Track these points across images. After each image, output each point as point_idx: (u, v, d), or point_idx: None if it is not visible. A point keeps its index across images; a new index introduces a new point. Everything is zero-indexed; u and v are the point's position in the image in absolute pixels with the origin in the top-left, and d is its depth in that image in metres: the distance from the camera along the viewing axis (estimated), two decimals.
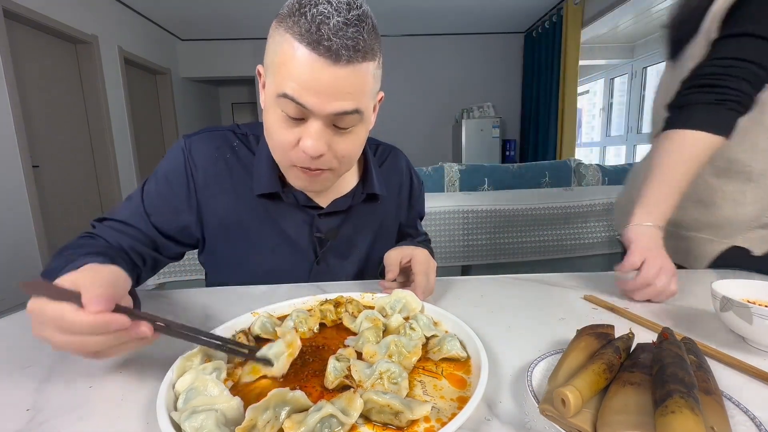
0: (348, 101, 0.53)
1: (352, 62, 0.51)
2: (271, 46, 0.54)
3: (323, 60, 0.50)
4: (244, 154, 0.70)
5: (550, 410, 0.33)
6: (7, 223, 2.67)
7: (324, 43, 0.49)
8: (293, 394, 0.34)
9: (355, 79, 0.53)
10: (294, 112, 0.54)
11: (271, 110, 0.56)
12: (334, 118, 0.55)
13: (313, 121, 0.54)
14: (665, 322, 0.55)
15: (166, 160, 0.68)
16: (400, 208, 0.84)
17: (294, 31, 0.50)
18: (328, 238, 0.73)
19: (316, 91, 0.51)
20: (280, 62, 0.52)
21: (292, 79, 0.51)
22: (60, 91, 3.35)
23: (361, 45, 0.51)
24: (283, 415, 0.33)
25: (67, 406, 0.38)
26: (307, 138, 0.55)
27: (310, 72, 0.50)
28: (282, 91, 0.52)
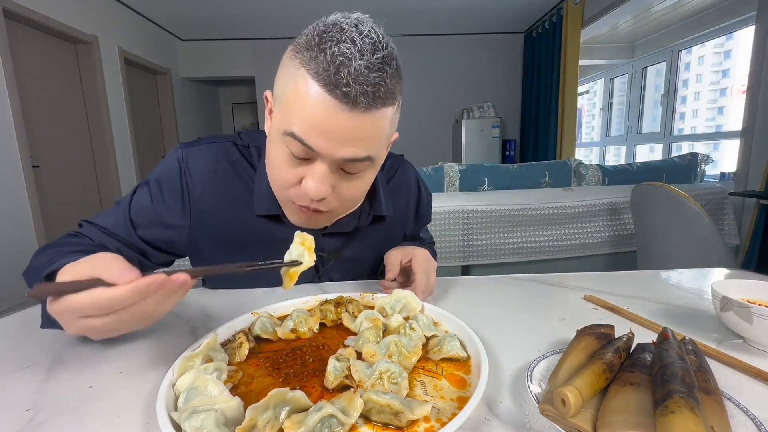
0: (360, 148, 0.50)
1: (369, 110, 0.47)
2: (283, 76, 0.51)
3: (338, 104, 0.46)
4: (244, 170, 0.66)
5: (550, 410, 0.33)
6: (7, 223, 2.66)
7: (342, 88, 0.45)
8: (293, 394, 0.34)
9: (370, 127, 0.49)
10: (299, 152, 0.50)
11: (275, 145, 0.53)
12: (342, 163, 0.51)
13: (319, 163, 0.51)
14: (665, 322, 0.55)
15: (161, 170, 0.65)
16: (406, 221, 0.81)
17: (310, 67, 0.46)
18: (330, 258, 0.70)
19: (326, 134, 0.48)
20: (291, 98, 0.48)
21: (302, 118, 0.47)
22: (60, 91, 3.35)
23: (382, 92, 0.47)
24: (283, 415, 0.33)
25: (67, 406, 0.38)
26: (311, 180, 0.51)
27: (322, 115, 0.46)
28: (289, 129, 0.49)
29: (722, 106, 4.51)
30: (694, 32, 3.86)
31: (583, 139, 6.08)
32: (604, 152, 5.42)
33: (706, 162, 2.41)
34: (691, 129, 4.54)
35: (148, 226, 0.63)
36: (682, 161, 2.36)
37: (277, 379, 0.41)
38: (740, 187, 2.43)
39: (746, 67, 2.46)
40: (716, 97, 4.57)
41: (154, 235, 0.64)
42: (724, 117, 4.43)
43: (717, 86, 4.54)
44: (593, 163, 2.32)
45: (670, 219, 1.54)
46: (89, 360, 0.46)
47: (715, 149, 4.09)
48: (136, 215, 0.63)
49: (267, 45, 5.47)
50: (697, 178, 2.41)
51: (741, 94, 2.95)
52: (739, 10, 3.36)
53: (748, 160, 2.41)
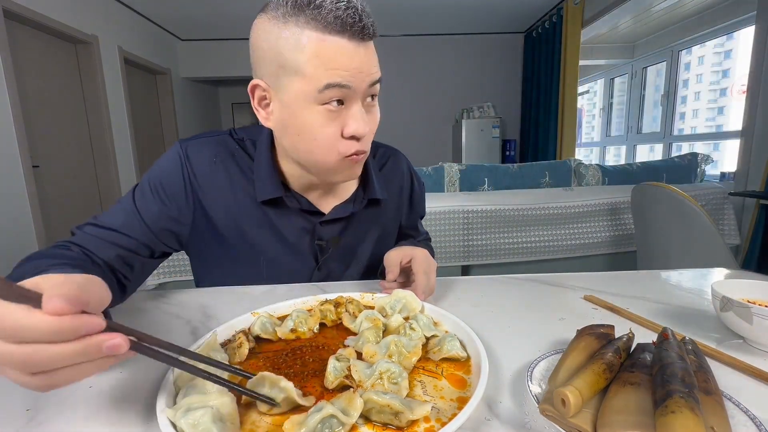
0: (376, 71, 0.57)
1: (372, 37, 0.55)
2: (283, 47, 0.53)
3: (357, 41, 0.53)
4: (243, 161, 0.68)
5: (550, 410, 0.33)
6: (7, 223, 2.67)
7: (358, 25, 0.52)
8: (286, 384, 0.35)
9: (373, 52, 0.57)
10: (339, 97, 0.54)
11: (306, 111, 0.55)
12: (368, 91, 0.57)
13: (353, 103, 0.56)
14: (665, 322, 0.55)
15: (161, 165, 0.66)
16: (400, 210, 0.83)
17: (318, 24, 0.51)
18: (329, 246, 0.72)
19: (353, 70, 0.53)
20: (312, 56, 0.52)
21: (332, 67, 0.52)
22: (60, 91, 3.35)
23: (371, 23, 0.54)
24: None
25: (67, 406, 0.38)
26: (354, 121, 0.56)
27: (348, 56, 0.52)
28: (323, 83, 0.52)
29: (722, 106, 4.51)
30: (694, 32, 3.86)
31: (583, 139, 6.08)
32: (604, 152, 5.42)
33: (706, 162, 2.41)
34: (691, 129, 4.55)
35: (155, 220, 0.64)
36: (682, 161, 2.37)
37: None
38: (740, 187, 2.43)
39: (746, 67, 2.46)
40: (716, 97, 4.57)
41: (161, 229, 0.65)
42: (724, 117, 4.43)
43: (717, 86, 4.54)
44: (593, 163, 2.32)
45: (670, 219, 1.54)
46: None
47: (715, 149, 4.09)
48: (143, 210, 0.63)
49: None
50: (697, 178, 2.41)
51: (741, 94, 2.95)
52: (739, 10, 3.36)
53: (748, 160, 2.41)
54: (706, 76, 4.59)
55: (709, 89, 4.55)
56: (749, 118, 2.42)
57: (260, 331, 0.49)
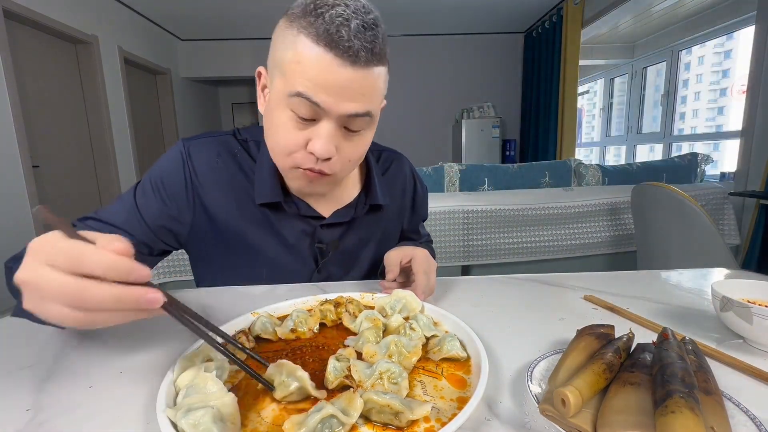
0: (362, 103, 0.53)
1: (368, 64, 0.51)
2: (281, 45, 0.53)
3: (341, 61, 0.50)
4: (245, 161, 0.68)
5: (550, 410, 0.33)
6: (7, 223, 2.67)
7: (344, 44, 0.49)
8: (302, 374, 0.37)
9: (369, 82, 0.53)
10: (306, 112, 0.53)
11: (279, 110, 0.55)
12: (346, 120, 0.54)
13: (324, 122, 0.54)
14: (665, 322, 0.55)
15: (163, 164, 0.66)
16: (402, 214, 0.83)
17: (310, 32, 0.50)
18: (329, 249, 0.71)
19: (331, 90, 0.51)
20: (293, 61, 0.51)
21: (307, 77, 0.50)
22: (60, 91, 3.35)
23: (378, 48, 0.52)
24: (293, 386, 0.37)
25: (67, 406, 0.38)
26: (318, 139, 0.54)
27: (327, 71, 0.50)
28: (295, 89, 0.51)
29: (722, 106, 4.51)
30: (694, 32, 3.86)
31: (583, 139, 6.08)
32: (604, 152, 5.42)
33: (706, 162, 2.41)
34: (691, 129, 4.55)
35: (155, 218, 0.64)
36: (682, 161, 2.37)
37: None
38: (740, 187, 2.43)
39: (746, 67, 2.46)
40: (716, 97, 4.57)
41: (161, 228, 0.64)
42: (724, 117, 4.43)
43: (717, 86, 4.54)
44: (593, 163, 2.32)
45: (670, 219, 1.54)
46: (89, 360, 0.46)
47: (715, 149, 4.09)
48: (143, 208, 0.63)
49: (267, 45, 5.39)
50: (697, 178, 2.41)
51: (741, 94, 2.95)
52: (739, 10, 3.36)
53: (748, 160, 2.41)
54: (706, 76, 4.59)
55: (709, 89, 4.56)
56: (749, 118, 2.42)
57: (260, 331, 0.49)
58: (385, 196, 0.74)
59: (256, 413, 0.36)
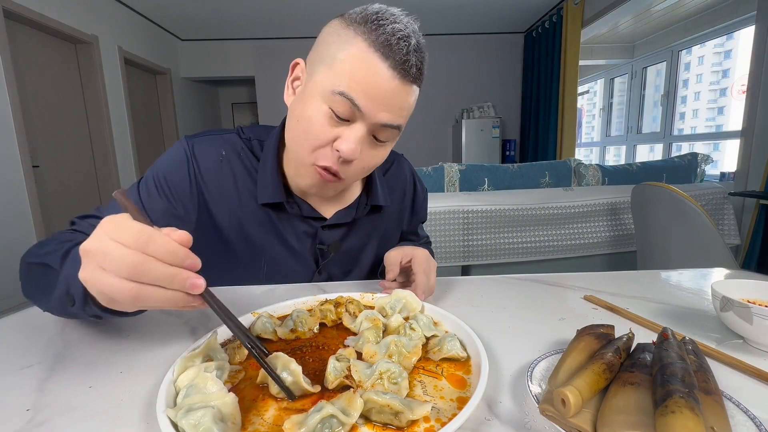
0: (397, 116, 0.55)
1: (415, 82, 0.55)
2: (333, 42, 0.54)
3: (393, 72, 0.52)
4: (248, 161, 0.68)
5: (550, 410, 0.33)
6: (7, 223, 2.67)
7: (402, 57, 0.51)
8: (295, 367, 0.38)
9: (408, 98, 0.55)
10: (344, 112, 0.53)
11: (314, 103, 0.55)
12: (377, 128, 0.56)
13: (358, 125, 0.55)
14: (665, 322, 0.55)
15: (166, 160, 0.65)
16: (402, 216, 0.83)
17: (369, 38, 0.51)
18: (330, 251, 0.71)
19: (374, 97, 0.52)
20: (344, 59, 0.52)
21: (355, 80, 0.52)
22: (60, 91, 3.35)
23: (424, 70, 0.55)
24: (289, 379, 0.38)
25: (67, 406, 0.38)
26: (347, 140, 0.55)
27: (378, 78, 0.52)
28: (339, 88, 0.52)
29: (722, 106, 4.51)
30: (694, 32, 3.86)
31: (583, 139, 6.08)
32: (604, 152, 5.43)
33: (706, 162, 2.42)
34: (691, 129, 4.55)
35: (160, 217, 0.63)
36: (682, 161, 2.37)
37: None
38: (740, 187, 2.43)
39: (746, 67, 2.46)
40: (716, 97, 4.58)
41: (164, 225, 0.63)
42: (724, 117, 4.44)
43: (717, 86, 4.55)
44: (593, 163, 2.32)
45: (670, 219, 1.54)
46: (89, 360, 0.46)
47: (715, 149, 4.09)
48: (147, 206, 0.62)
49: (267, 45, 5.47)
50: (697, 178, 2.41)
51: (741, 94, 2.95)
52: (739, 10, 3.36)
53: (748, 160, 2.41)
54: (706, 76, 4.59)
55: (709, 89, 4.56)
56: (749, 118, 2.42)
57: (260, 331, 0.49)
58: (386, 197, 0.74)
59: (256, 413, 0.36)
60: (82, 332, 0.53)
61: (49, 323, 0.56)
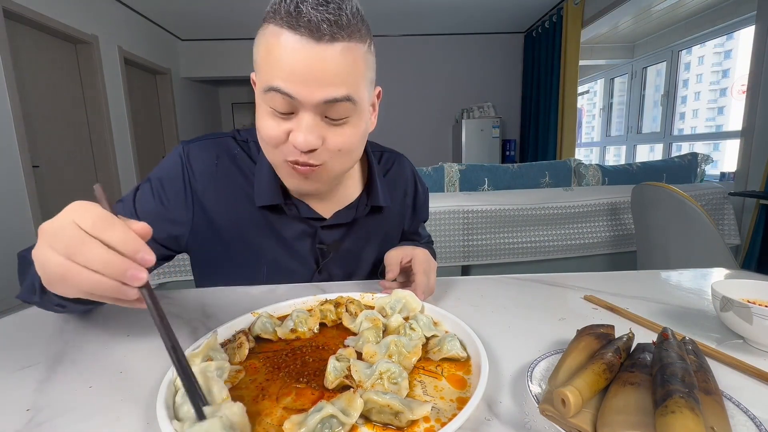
0: (337, 87, 0.50)
1: (336, 39, 0.48)
2: (255, 44, 0.54)
3: (306, 39, 0.48)
4: (244, 163, 0.67)
5: (550, 410, 0.33)
6: (7, 223, 2.67)
7: (303, 17, 0.47)
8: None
9: (342, 61, 0.50)
10: (282, 106, 0.52)
11: (260, 108, 0.55)
12: (324, 108, 0.52)
13: (303, 113, 0.52)
14: (665, 322, 0.55)
15: (163, 167, 0.65)
16: (404, 216, 0.82)
17: (275, 20, 0.49)
18: (330, 251, 0.71)
19: (303, 78, 0.49)
20: (265, 54, 0.51)
21: (275, 68, 0.50)
22: (60, 91, 3.35)
23: (344, 21, 0.49)
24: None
25: (67, 406, 0.38)
26: (298, 131, 0.52)
27: (292, 55, 0.48)
28: (268, 84, 0.51)
29: (722, 106, 4.51)
30: (694, 32, 3.86)
31: (583, 139, 6.08)
32: (604, 152, 5.43)
33: (706, 162, 2.42)
34: (691, 129, 4.55)
35: (154, 222, 0.63)
36: (682, 161, 2.37)
37: (276, 380, 0.41)
38: (740, 187, 2.43)
39: (746, 67, 2.46)
40: (716, 97, 4.58)
41: (160, 231, 0.64)
42: (724, 117, 4.44)
43: (717, 86, 4.55)
44: (593, 163, 2.32)
45: (670, 219, 1.54)
46: (89, 360, 0.46)
47: (715, 149, 4.10)
48: (142, 212, 0.63)
49: None
50: (697, 178, 2.41)
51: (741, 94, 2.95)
52: (739, 10, 3.36)
53: (748, 160, 2.41)
54: (706, 76, 4.59)
55: (709, 89, 4.56)
56: (749, 118, 2.42)
57: (260, 331, 0.49)
58: (386, 197, 0.74)
59: (256, 413, 0.36)
60: (82, 332, 0.53)
61: (49, 323, 0.56)
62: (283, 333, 0.50)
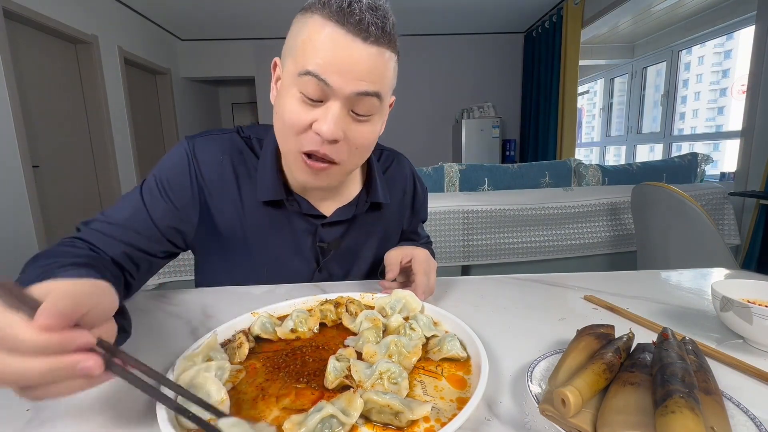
0: (370, 82, 0.53)
1: (379, 42, 0.52)
2: (295, 31, 0.55)
3: (352, 36, 0.50)
4: (248, 159, 0.68)
5: (550, 410, 0.33)
6: (7, 223, 2.66)
7: (355, 16, 0.50)
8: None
9: (378, 62, 0.53)
10: (314, 92, 0.53)
11: (288, 92, 0.55)
12: (353, 101, 0.54)
13: (332, 102, 0.53)
14: (665, 322, 0.55)
15: (168, 162, 0.65)
16: (403, 215, 0.83)
17: (323, 12, 0.51)
18: (331, 248, 0.71)
19: (340, 68, 0.51)
20: (305, 40, 0.52)
21: (317, 55, 0.51)
22: (60, 91, 3.35)
23: (388, 29, 0.53)
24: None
25: (67, 406, 0.38)
26: (324, 120, 0.53)
27: (338, 47, 0.51)
28: (305, 68, 0.52)
29: (722, 106, 4.51)
30: (694, 32, 3.86)
31: (583, 139, 6.08)
32: (604, 152, 5.43)
33: (706, 162, 2.41)
34: (691, 129, 4.55)
35: (163, 218, 0.63)
36: (682, 161, 2.37)
37: (276, 380, 0.41)
38: (740, 187, 2.43)
39: (746, 67, 2.46)
40: (716, 97, 4.58)
41: (168, 227, 0.64)
42: (724, 117, 4.44)
43: (717, 86, 4.55)
44: (593, 163, 2.32)
45: (670, 219, 1.54)
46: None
47: (715, 149, 4.09)
48: (151, 207, 0.63)
49: (267, 45, 5.47)
50: (697, 178, 2.41)
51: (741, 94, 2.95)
52: (739, 10, 3.36)
53: (748, 160, 2.41)
54: (706, 76, 4.59)
55: (709, 89, 4.56)
56: (749, 118, 2.42)
57: (260, 331, 0.49)
58: (386, 195, 0.74)
59: (257, 413, 0.36)
60: None
61: None
62: (283, 333, 0.50)
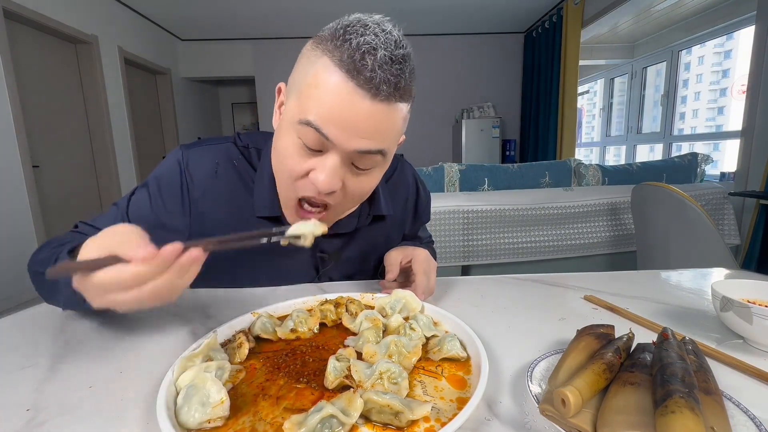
0: (375, 141, 0.50)
1: (389, 100, 0.48)
2: (303, 65, 0.51)
3: (360, 92, 0.46)
4: (245, 171, 0.65)
5: (550, 410, 0.33)
6: (7, 223, 2.66)
7: (366, 73, 0.46)
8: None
9: (386, 119, 0.49)
10: (313, 143, 0.50)
11: (287, 135, 0.52)
12: (354, 156, 0.51)
13: (331, 154, 0.50)
14: (665, 322, 0.55)
15: (161, 171, 0.64)
16: (405, 221, 0.81)
17: (334, 55, 0.47)
18: (331, 259, 0.71)
19: (343, 123, 0.48)
20: (311, 84, 0.48)
21: (320, 106, 0.48)
22: (60, 91, 3.35)
23: (402, 84, 0.48)
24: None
25: (67, 406, 0.38)
26: (321, 172, 0.51)
27: (342, 102, 0.47)
28: (305, 117, 0.48)
29: (722, 106, 4.51)
30: (694, 32, 3.86)
31: (583, 139, 6.08)
32: (604, 152, 5.43)
33: (706, 162, 2.41)
34: (691, 129, 4.55)
35: (147, 228, 0.62)
36: (682, 161, 2.37)
37: (276, 380, 0.41)
38: (740, 187, 2.43)
39: (746, 67, 2.46)
40: (716, 97, 4.58)
41: (153, 238, 0.63)
42: (724, 117, 4.44)
43: (717, 86, 4.55)
44: (593, 163, 2.32)
45: (670, 219, 1.54)
46: (89, 360, 0.46)
47: (715, 149, 4.10)
48: (134, 217, 0.61)
49: (267, 45, 5.47)
50: (697, 178, 2.41)
51: (741, 94, 2.95)
52: (739, 10, 3.36)
53: (748, 160, 2.41)
54: (706, 76, 4.60)
55: (709, 89, 4.56)
56: (749, 118, 2.42)
57: (260, 331, 0.49)
58: (388, 206, 0.72)
59: (256, 413, 0.36)
60: (82, 332, 0.53)
61: (49, 323, 0.56)
62: (283, 333, 0.50)
